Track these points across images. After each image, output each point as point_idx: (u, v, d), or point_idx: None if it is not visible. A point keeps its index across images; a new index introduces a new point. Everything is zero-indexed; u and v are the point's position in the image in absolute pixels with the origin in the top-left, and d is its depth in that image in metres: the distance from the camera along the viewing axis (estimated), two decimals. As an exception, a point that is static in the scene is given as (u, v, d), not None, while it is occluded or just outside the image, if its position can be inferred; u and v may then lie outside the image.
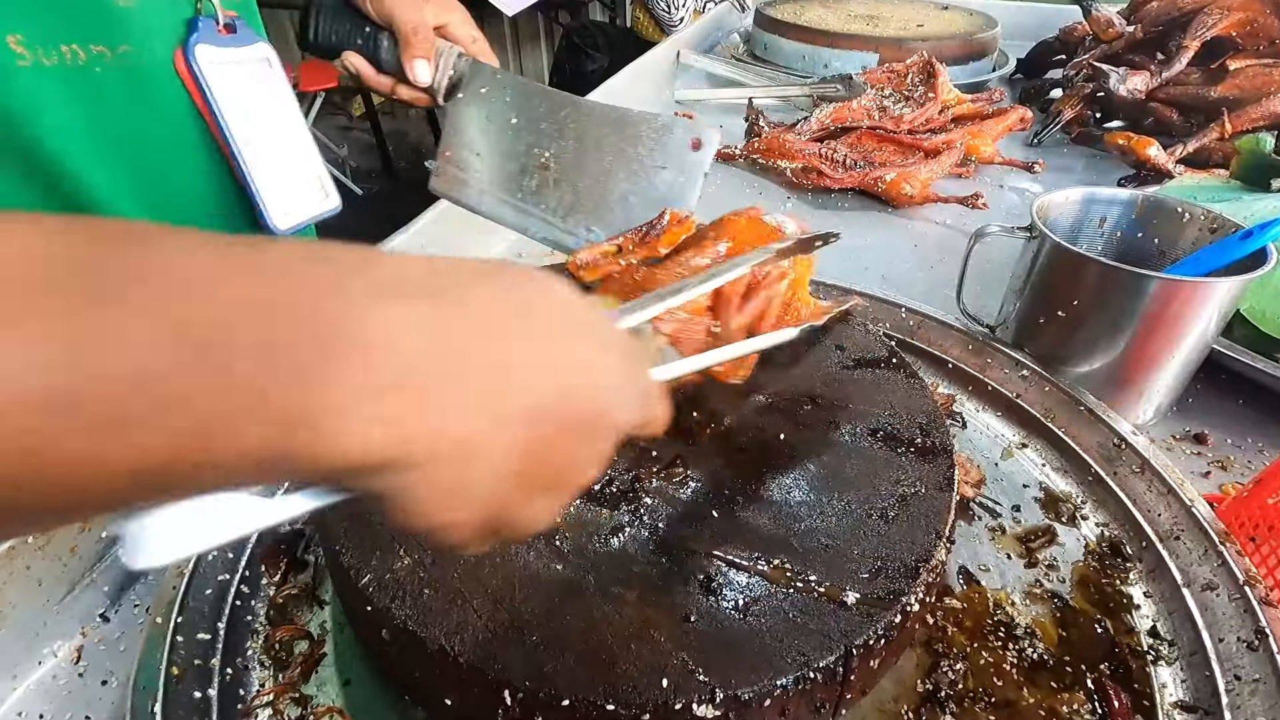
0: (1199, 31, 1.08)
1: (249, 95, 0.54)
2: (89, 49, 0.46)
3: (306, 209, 0.58)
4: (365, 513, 0.41)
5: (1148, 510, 0.50)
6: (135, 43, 0.48)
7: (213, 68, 0.50)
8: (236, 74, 0.52)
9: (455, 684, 0.35)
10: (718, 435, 0.48)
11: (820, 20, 1.56)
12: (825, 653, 0.35)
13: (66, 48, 0.45)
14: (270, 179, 0.55)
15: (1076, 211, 0.65)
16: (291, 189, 0.57)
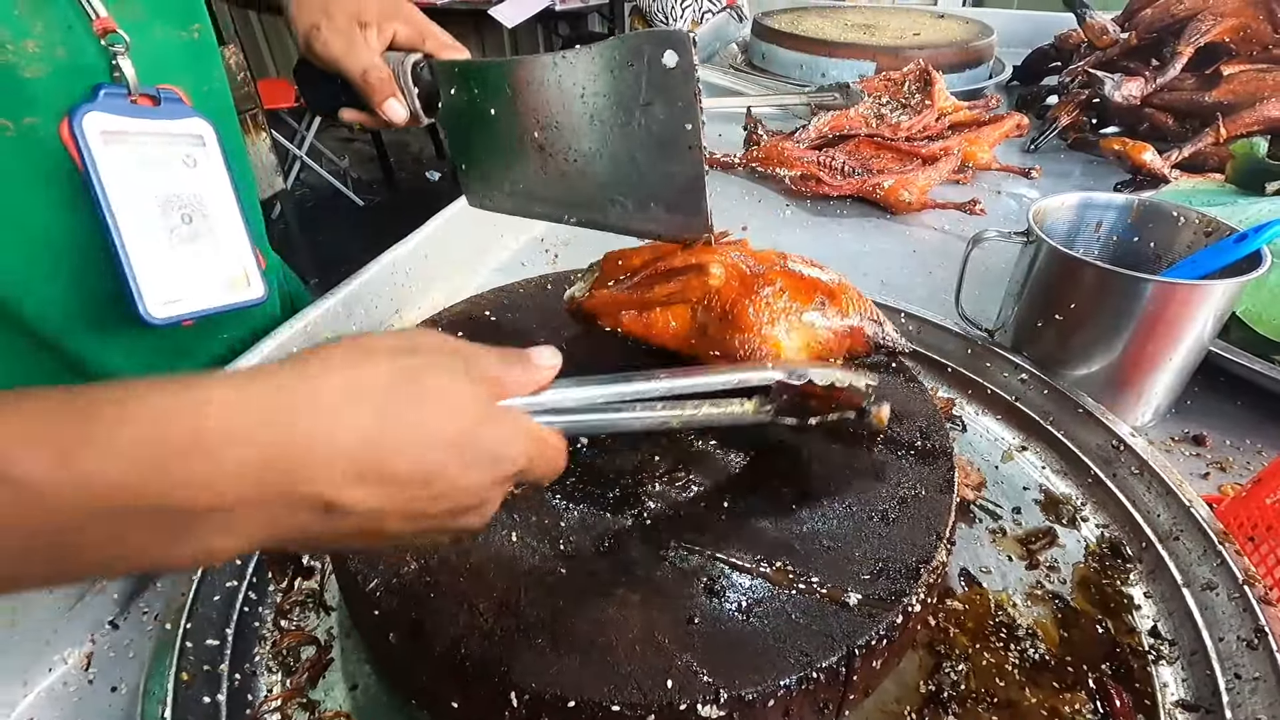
0: (1192, 38, 1.09)
1: (157, 167, 0.49)
2: None
3: (204, 298, 0.52)
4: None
5: (1147, 511, 0.51)
6: (42, 114, 0.45)
7: (103, 139, 0.46)
8: (142, 148, 0.48)
9: (462, 686, 0.36)
10: (720, 440, 0.48)
11: (817, 30, 1.57)
12: (828, 653, 0.35)
13: None
14: (152, 264, 0.49)
15: (1073, 216, 0.66)
16: (188, 276, 0.52)
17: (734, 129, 1.23)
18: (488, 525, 0.34)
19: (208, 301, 0.53)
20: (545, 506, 0.43)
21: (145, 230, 0.49)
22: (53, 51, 0.44)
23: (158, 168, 0.49)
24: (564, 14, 4.15)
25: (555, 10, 4.06)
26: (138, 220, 0.48)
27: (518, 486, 0.36)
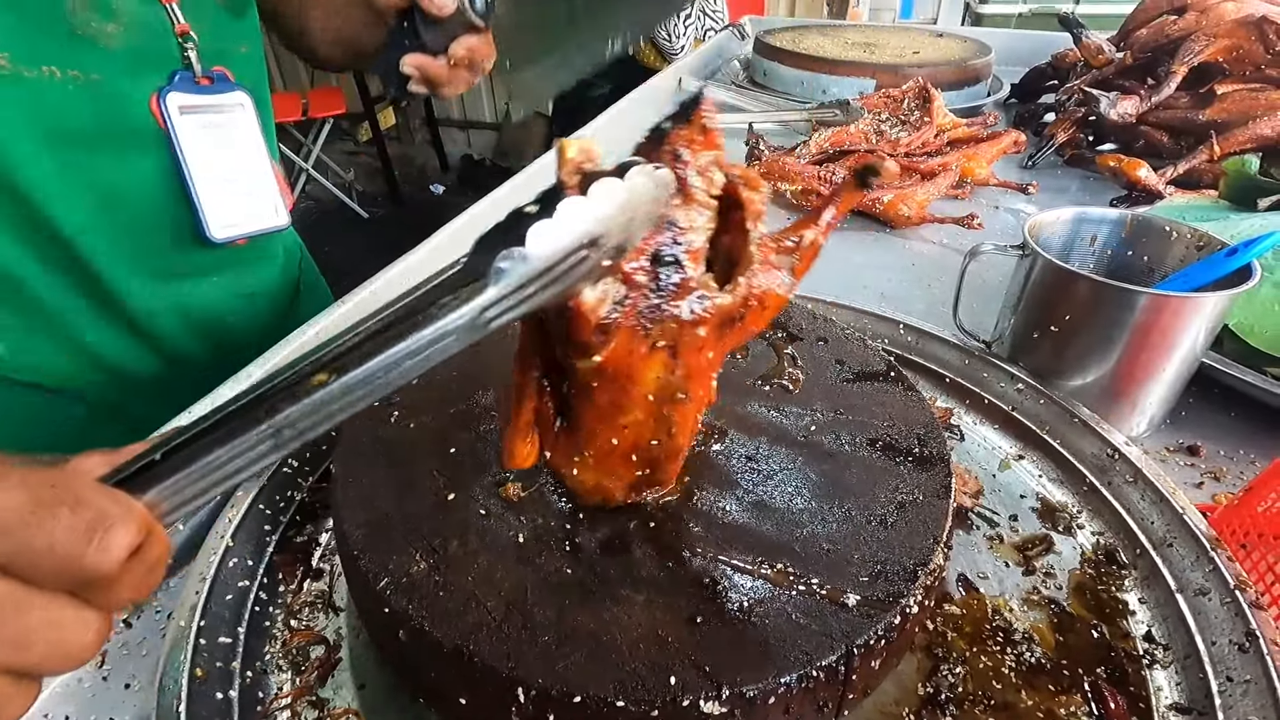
0: (1186, 58, 1.11)
1: (213, 131, 0.65)
2: (66, 72, 0.55)
3: (249, 224, 0.70)
4: (381, 519, 0.43)
5: (1141, 519, 0.51)
6: (105, 74, 0.58)
7: (180, 111, 0.62)
8: (205, 114, 0.64)
9: (470, 683, 0.37)
10: (720, 446, 0.49)
11: (818, 48, 1.60)
12: (827, 652, 0.36)
13: (48, 68, 0.55)
14: (215, 197, 0.66)
15: (1067, 230, 0.68)
16: (237, 208, 0.68)
17: (736, 144, 1.25)
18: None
19: (251, 226, 0.70)
20: (551, 509, 0.44)
21: (208, 176, 0.65)
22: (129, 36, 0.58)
23: (214, 129, 0.65)
24: (568, 31, 4.20)
25: (560, 27, 4.11)
26: (203, 169, 0.65)
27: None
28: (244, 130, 0.68)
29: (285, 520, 0.53)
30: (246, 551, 0.49)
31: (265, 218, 0.71)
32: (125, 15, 0.58)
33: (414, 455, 0.48)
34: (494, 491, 0.46)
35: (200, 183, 0.65)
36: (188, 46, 0.62)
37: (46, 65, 0.55)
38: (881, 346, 0.65)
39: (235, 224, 0.68)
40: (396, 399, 0.53)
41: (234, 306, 0.75)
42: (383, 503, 0.44)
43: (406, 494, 0.45)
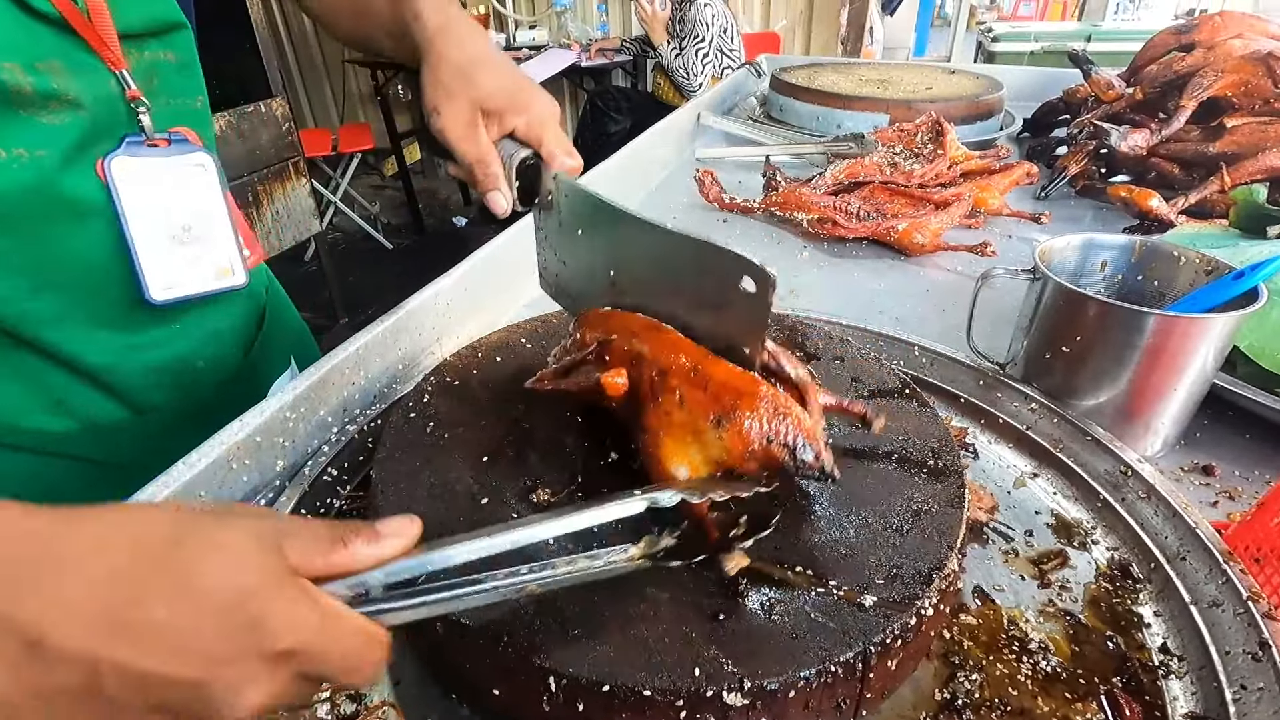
0: (1195, 92, 1.14)
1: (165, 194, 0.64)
2: (11, 151, 0.54)
3: (197, 285, 0.68)
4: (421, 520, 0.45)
5: (1155, 533, 0.52)
6: (50, 150, 0.56)
7: (124, 175, 0.61)
8: (157, 176, 0.63)
9: (503, 674, 0.39)
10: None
11: (833, 84, 1.65)
12: (845, 648, 0.38)
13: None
14: (159, 260, 0.64)
15: (1078, 255, 0.70)
16: (186, 270, 0.67)
17: (754, 176, 1.29)
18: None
19: (199, 287, 0.67)
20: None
21: (152, 238, 0.63)
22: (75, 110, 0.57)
23: (167, 191, 0.64)
24: (589, 70, 4.34)
25: (581, 66, 4.25)
26: (147, 231, 0.63)
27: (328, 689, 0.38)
28: (201, 191, 0.67)
29: (324, 525, 0.55)
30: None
31: (218, 279, 0.69)
32: (71, 91, 0.56)
33: (449, 463, 0.51)
34: (525, 497, 0.48)
35: (143, 246, 0.63)
36: (139, 111, 0.61)
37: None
38: (898, 367, 0.67)
39: (180, 285, 0.66)
40: (432, 411, 0.56)
41: (199, 350, 0.72)
42: (420, 506, 0.47)
43: (442, 498, 0.48)
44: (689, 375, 0.44)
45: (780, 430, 0.41)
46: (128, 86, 0.59)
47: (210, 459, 0.51)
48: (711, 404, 0.42)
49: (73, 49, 0.56)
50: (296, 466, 0.59)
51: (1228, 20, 1.27)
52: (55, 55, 0.55)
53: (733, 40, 3.49)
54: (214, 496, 0.51)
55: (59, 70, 0.55)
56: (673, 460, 0.44)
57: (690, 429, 0.43)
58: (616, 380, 0.46)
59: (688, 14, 3.39)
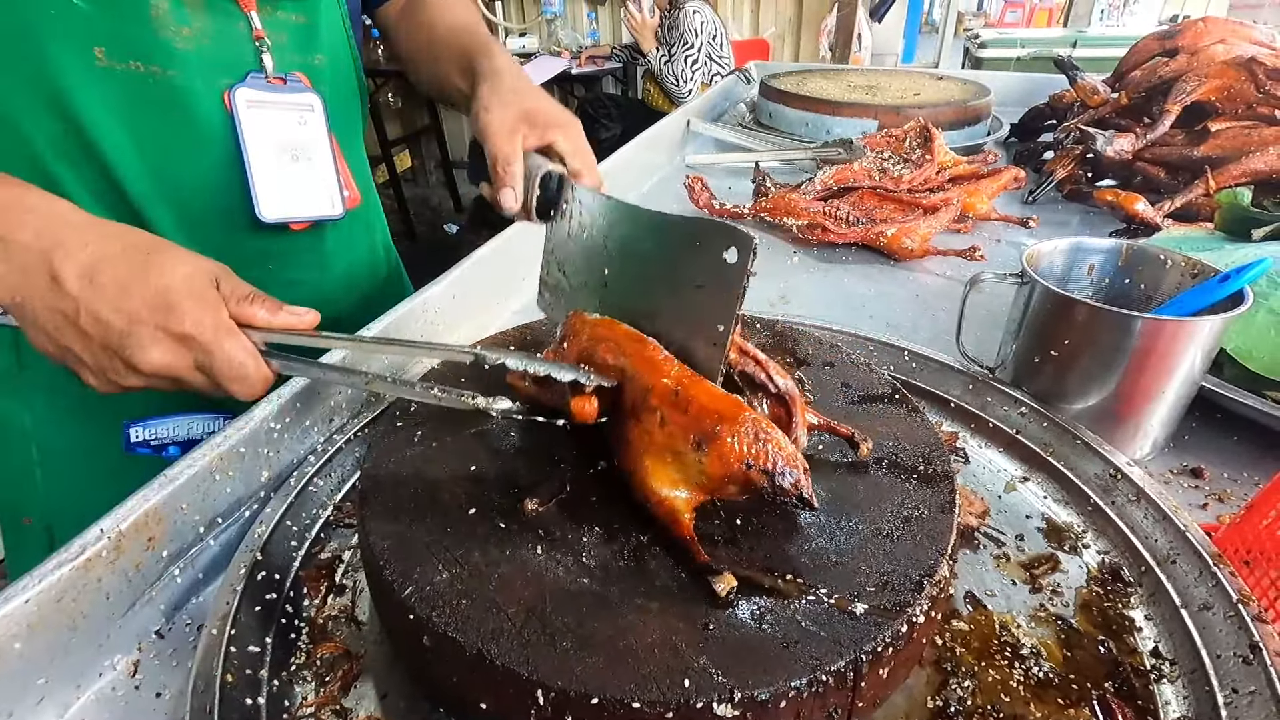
0: (1179, 97, 1.15)
1: (278, 125, 0.73)
2: (149, 67, 0.64)
3: (300, 210, 0.77)
4: (405, 532, 0.45)
5: (1145, 537, 0.52)
6: (181, 70, 0.66)
7: (247, 105, 0.70)
8: (273, 110, 0.72)
9: (491, 687, 0.38)
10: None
11: (822, 90, 1.66)
12: (836, 657, 0.37)
13: (134, 63, 0.64)
14: (270, 184, 0.74)
15: (1065, 259, 0.70)
16: (292, 196, 0.76)
17: (743, 182, 1.29)
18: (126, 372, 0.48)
19: (301, 211, 0.77)
20: (568, 523, 0.46)
21: (265, 162, 0.73)
22: (201, 40, 0.66)
23: (281, 124, 0.73)
24: (580, 77, 4.35)
25: (572, 74, 4.26)
26: (261, 155, 0.72)
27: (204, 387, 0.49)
28: (311, 129, 0.76)
29: (311, 537, 0.54)
30: (274, 566, 0.50)
31: (319, 207, 0.78)
32: (200, 22, 0.66)
33: (436, 473, 0.50)
34: (513, 507, 0.47)
35: (257, 170, 0.72)
36: (262, 50, 0.70)
37: (133, 60, 0.63)
38: (888, 372, 0.67)
39: (286, 209, 0.75)
40: (419, 420, 0.55)
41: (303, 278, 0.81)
42: (406, 517, 0.46)
43: (429, 509, 0.47)
44: (671, 397, 0.44)
45: (760, 455, 0.41)
46: (254, 26, 0.69)
47: (193, 470, 0.50)
48: (692, 426, 0.43)
49: None
50: (282, 476, 0.58)
51: (1211, 26, 1.28)
52: None
53: (722, 47, 3.51)
54: (197, 508, 0.51)
55: (197, 5, 0.65)
56: (652, 479, 0.44)
57: (670, 450, 0.44)
58: (586, 408, 0.47)
59: (677, 21, 3.41)
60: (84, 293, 0.46)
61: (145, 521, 0.47)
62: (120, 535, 0.45)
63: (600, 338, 0.50)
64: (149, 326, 0.46)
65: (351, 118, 0.85)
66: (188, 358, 0.48)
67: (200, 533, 0.52)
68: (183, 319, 0.47)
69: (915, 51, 4.43)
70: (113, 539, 0.44)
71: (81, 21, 0.61)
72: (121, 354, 0.47)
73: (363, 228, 0.91)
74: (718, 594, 0.40)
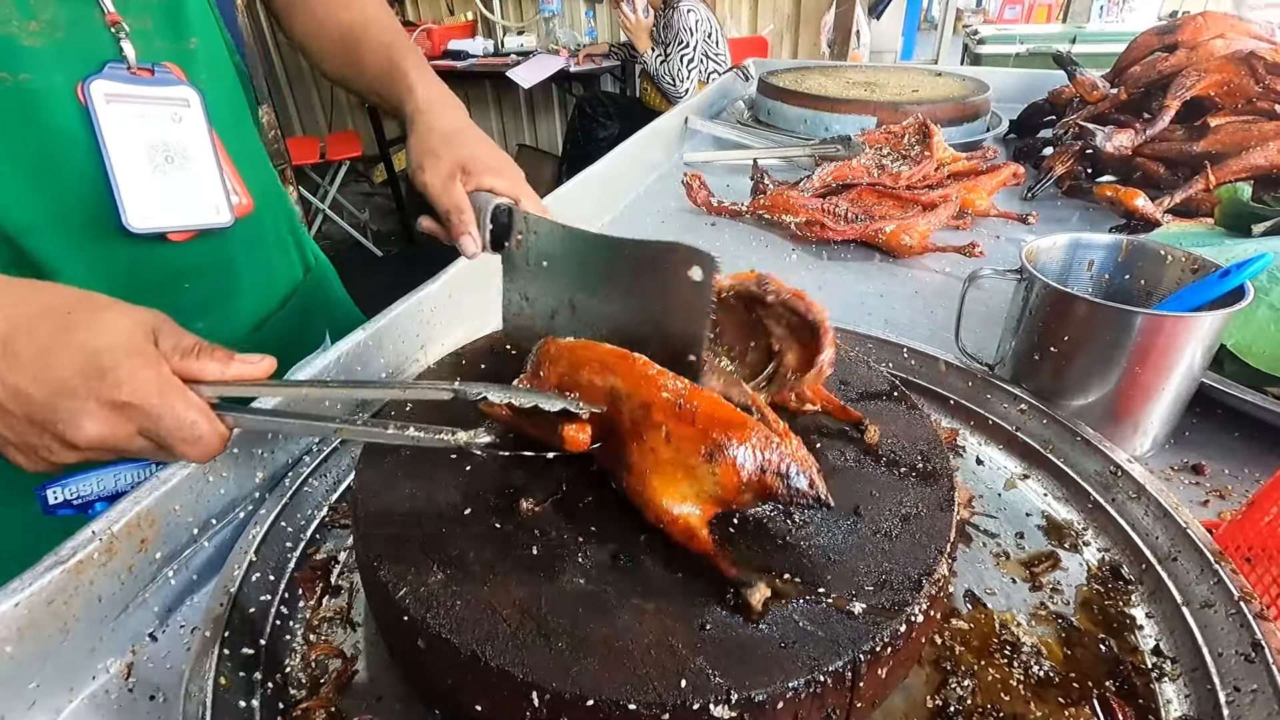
0: (1178, 92, 1.14)
1: (147, 123, 0.65)
2: None
3: (176, 218, 0.68)
4: (400, 533, 0.44)
5: (1146, 534, 0.52)
6: (33, 72, 0.58)
7: (106, 100, 0.62)
8: (139, 105, 0.64)
9: (485, 688, 0.38)
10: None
11: (820, 87, 1.65)
12: (834, 658, 0.37)
13: None
14: (136, 188, 0.65)
15: (1065, 255, 0.70)
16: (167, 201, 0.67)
17: (741, 179, 1.29)
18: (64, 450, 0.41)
19: (179, 220, 0.68)
20: (564, 524, 0.46)
21: (132, 164, 0.64)
22: (54, 33, 0.59)
23: (148, 121, 0.64)
24: (578, 75, 4.34)
25: (570, 72, 4.25)
26: (126, 157, 0.63)
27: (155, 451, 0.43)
28: (188, 126, 0.67)
29: (305, 538, 0.54)
30: (269, 567, 0.50)
31: (201, 215, 0.69)
32: (47, 12, 0.58)
33: (431, 473, 0.50)
34: (509, 507, 0.47)
35: (121, 174, 0.63)
36: (120, 36, 0.62)
37: None
38: (886, 370, 0.66)
39: (159, 218, 0.66)
40: (414, 420, 0.55)
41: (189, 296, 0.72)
42: (401, 518, 0.46)
43: (424, 510, 0.47)
44: (675, 410, 0.42)
45: (773, 460, 0.41)
46: (106, 9, 0.61)
47: (186, 471, 0.50)
48: (701, 438, 0.41)
49: None
50: (277, 477, 0.58)
51: (1210, 21, 1.28)
52: None
53: (718, 45, 3.50)
54: (190, 509, 0.50)
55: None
56: (663, 497, 0.42)
57: (680, 465, 0.42)
58: (579, 437, 0.45)
59: (671, 20, 3.40)
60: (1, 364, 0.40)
61: (138, 523, 0.46)
62: (112, 537, 0.45)
63: (583, 360, 0.47)
64: (80, 397, 0.40)
65: (237, 110, 0.76)
66: (129, 426, 0.41)
67: (194, 534, 0.51)
68: (119, 384, 0.40)
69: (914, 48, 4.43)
70: (104, 541, 0.44)
71: None
72: (52, 429, 0.40)
73: (270, 232, 0.82)
74: (753, 607, 0.39)
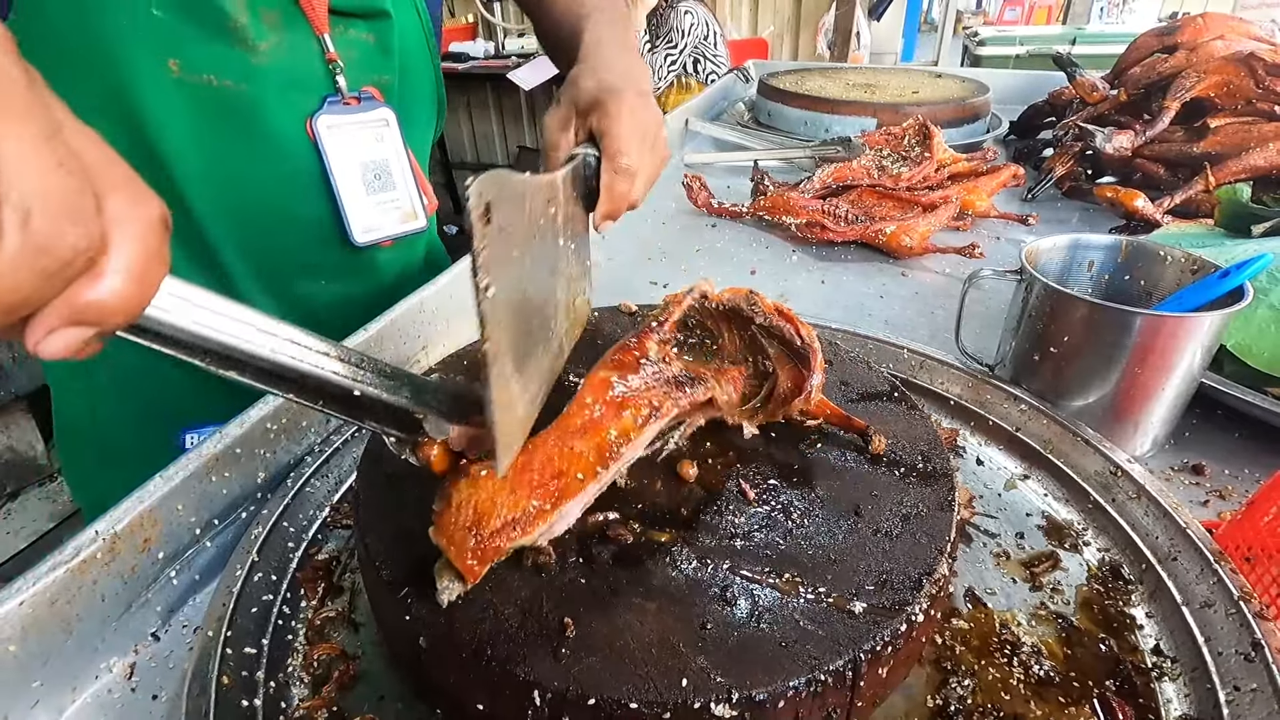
0: (1178, 94, 1.15)
1: (358, 144, 0.74)
2: (223, 81, 0.64)
3: (387, 228, 0.78)
4: (402, 532, 0.44)
5: (1146, 534, 0.52)
6: (256, 86, 0.66)
7: (329, 131, 0.71)
8: (351, 129, 0.73)
9: (487, 687, 0.38)
10: (730, 463, 0.51)
11: (821, 89, 1.66)
12: (834, 656, 0.37)
13: (209, 76, 0.64)
14: (358, 207, 0.75)
15: (1065, 256, 0.70)
16: (377, 214, 0.77)
17: (742, 181, 1.29)
18: None
19: (388, 230, 0.78)
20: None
21: (352, 185, 0.74)
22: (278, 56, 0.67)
23: (359, 143, 0.74)
24: (578, 77, 4.34)
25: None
26: (348, 179, 0.73)
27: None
28: (388, 143, 0.76)
29: (308, 538, 0.54)
30: (271, 567, 0.50)
31: (405, 222, 0.79)
32: (276, 36, 0.66)
33: (434, 473, 0.50)
34: (510, 506, 0.47)
35: (347, 195, 0.73)
36: (335, 72, 0.71)
37: (208, 74, 0.64)
38: (887, 371, 0.67)
39: (377, 228, 0.76)
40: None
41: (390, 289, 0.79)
42: (403, 517, 0.46)
43: (426, 509, 0.47)
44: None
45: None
46: (327, 50, 0.69)
47: (188, 472, 0.50)
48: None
49: (291, 7, 0.67)
50: (279, 478, 0.58)
51: (1209, 22, 1.28)
52: (274, 7, 0.66)
53: (717, 46, 3.50)
54: (193, 509, 0.51)
55: (274, 22, 0.66)
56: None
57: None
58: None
59: (667, 17, 3.39)
60: None
61: (140, 523, 0.47)
62: (115, 537, 0.45)
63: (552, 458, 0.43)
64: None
65: (426, 123, 0.86)
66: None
67: (196, 534, 0.51)
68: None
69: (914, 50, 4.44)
70: (107, 541, 0.44)
71: (158, 32, 0.60)
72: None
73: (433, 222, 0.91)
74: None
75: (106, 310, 0.25)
